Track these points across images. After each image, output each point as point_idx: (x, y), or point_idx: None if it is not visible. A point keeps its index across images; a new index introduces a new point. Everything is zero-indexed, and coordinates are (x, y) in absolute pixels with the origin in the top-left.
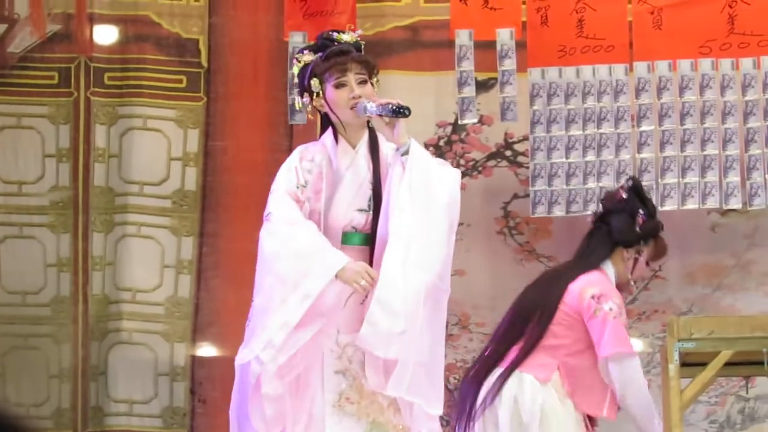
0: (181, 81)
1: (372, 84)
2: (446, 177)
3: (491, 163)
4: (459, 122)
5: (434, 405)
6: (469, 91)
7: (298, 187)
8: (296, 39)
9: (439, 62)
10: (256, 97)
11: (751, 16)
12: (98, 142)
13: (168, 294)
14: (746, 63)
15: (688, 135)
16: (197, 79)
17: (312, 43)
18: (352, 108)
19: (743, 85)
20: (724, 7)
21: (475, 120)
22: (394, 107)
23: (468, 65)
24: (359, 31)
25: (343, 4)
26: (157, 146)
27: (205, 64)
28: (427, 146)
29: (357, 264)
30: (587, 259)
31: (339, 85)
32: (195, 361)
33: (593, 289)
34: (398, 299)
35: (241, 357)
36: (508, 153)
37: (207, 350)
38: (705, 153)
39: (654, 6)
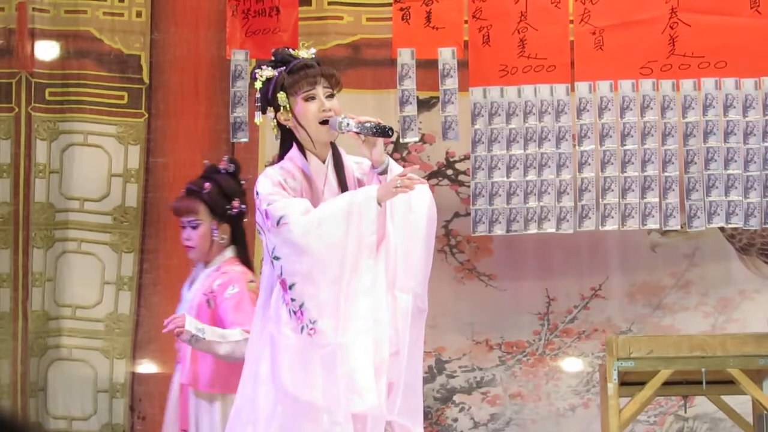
0: (122, 97)
1: None
2: (424, 195)
3: (433, 181)
4: (401, 141)
5: (417, 425)
6: (411, 109)
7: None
8: (238, 57)
9: (380, 80)
10: (197, 114)
11: (691, 38)
12: (39, 157)
13: (108, 310)
14: (687, 84)
15: (628, 156)
16: (138, 96)
17: (269, 60)
18: (321, 122)
19: (683, 106)
20: (665, 29)
21: (417, 138)
22: (375, 127)
23: (410, 84)
24: (313, 50)
25: (286, 22)
26: (98, 162)
27: (146, 80)
28: None
29: (385, 182)
30: None
31: (308, 98)
32: (135, 378)
33: None
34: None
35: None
36: (450, 172)
37: (147, 367)
38: (645, 174)
39: (596, 26)
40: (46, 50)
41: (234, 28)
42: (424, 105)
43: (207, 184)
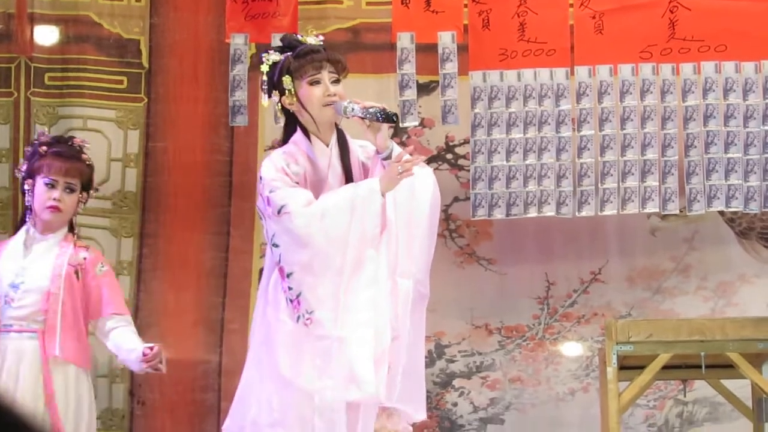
0: (121, 82)
1: None
2: (427, 180)
3: (432, 165)
4: (400, 125)
5: (420, 411)
6: (411, 94)
7: (296, 184)
8: (237, 41)
9: (380, 65)
10: (197, 99)
11: (691, 22)
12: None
13: None
14: (686, 68)
15: (628, 140)
16: (138, 80)
17: (277, 45)
18: (325, 105)
19: (683, 90)
20: (665, 13)
21: (417, 123)
22: (380, 112)
23: (409, 68)
24: (321, 37)
25: (285, 6)
26: (97, 147)
27: (146, 64)
28: None
29: (385, 171)
30: None
31: (313, 82)
32: None
33: None
34: (390, 309)
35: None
36: (449, 156)
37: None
38: (645, 158)
39: (595, 10)
40: (46, 35)
41: (233, 12)
42: (424, 89)
43: (86, 155)
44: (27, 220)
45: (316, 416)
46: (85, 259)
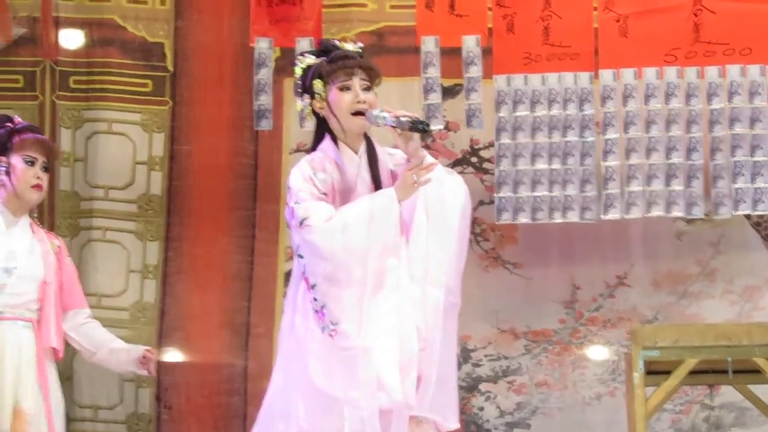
0: (146, 85)
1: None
2: (458, 189)
3: (457, 169)
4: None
5: (451, 420)
6: (435, 97)
7: (324, 195)
8: (262, 45)
9: (404, 68)
10: (221, 102)
11: (716, 25)
12: (64, 146)
13: (133, 299)
14: (711, 71)
15: (653, 143)
16: (163, 83)
17: (314, 49)
18: (353, 113)
19: (708, 93)
20: (689, 16)
21: (441, 126)
22: (412, 121)
23: (434, 72)
24: (360, 44)
25: (310, 9)
26: (122, 150)
27: (170, 68)
28: None
29: (399, 180)
30: None
31: (343, 88)
32: (160, 367)
33: None
34: (419, 318)
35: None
36: (474, 159)
37: (173, 356)
38: (670, 161)
39: (620, 14)
40: (70, 38)
41: (258, 15)
42: (449, 92)
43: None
44: None
45: (346, 426)
46: (59, 247)
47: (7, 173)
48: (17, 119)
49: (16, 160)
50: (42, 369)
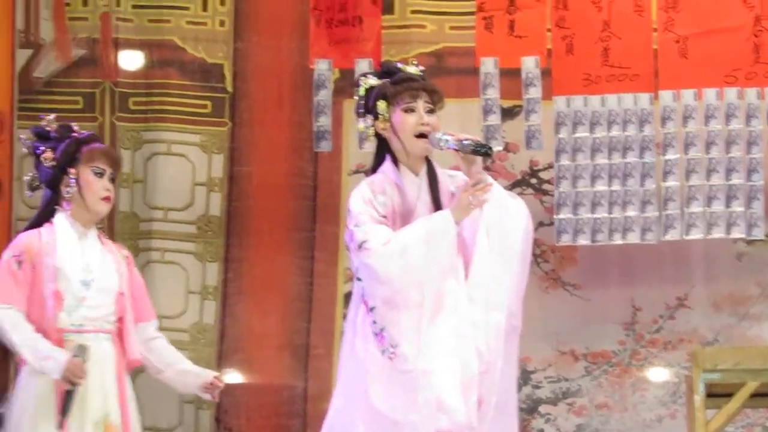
0: (205, 106)
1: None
2: (520, 212)
3: (517, 190)
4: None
5: None
6: (495, 119)
7: (383, 217)
8: (321, 66)
9: (463, 89)
10: (281, 123)
11: None
12: (123, 167)
13: (193, 320)
14: None
15: (713, 164)
16: (222, 104)
17: (376, 71)
18: (417, 136)
19: None
20: (749, 37)
21: (501, 147)
22: (474, 144)
23: (493, 93)
24: (422, 67)
25: (369, 31)
26: (181, 171)
27: (229, 89)
28: None
29: (455, 201)
30: None
31: (408, 110)
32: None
33: None
34: (480, 341)
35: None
36: (534, 181)
37: (232, 377)
38: (730, 182)
39: (679, 35)
40: (130, 59)
41: (317, 37)
42: (508, 114)
43: None
44: (59, 211)
45: None
46: (127, 257)
47: (77, 185)
48: (76, 128)
49: (86, 172)
50: (122, 382)
